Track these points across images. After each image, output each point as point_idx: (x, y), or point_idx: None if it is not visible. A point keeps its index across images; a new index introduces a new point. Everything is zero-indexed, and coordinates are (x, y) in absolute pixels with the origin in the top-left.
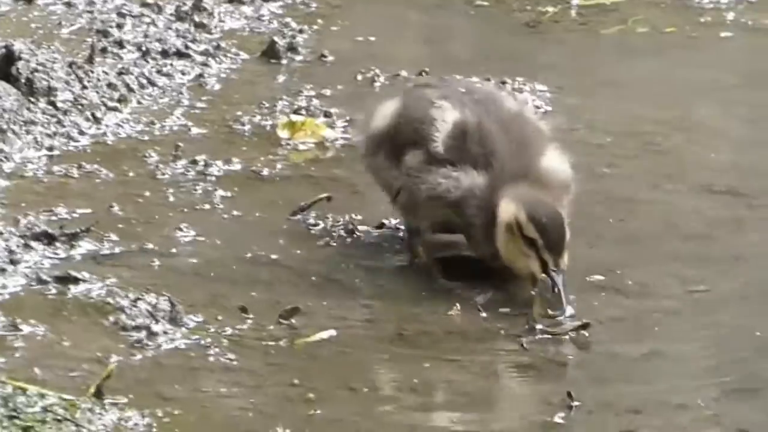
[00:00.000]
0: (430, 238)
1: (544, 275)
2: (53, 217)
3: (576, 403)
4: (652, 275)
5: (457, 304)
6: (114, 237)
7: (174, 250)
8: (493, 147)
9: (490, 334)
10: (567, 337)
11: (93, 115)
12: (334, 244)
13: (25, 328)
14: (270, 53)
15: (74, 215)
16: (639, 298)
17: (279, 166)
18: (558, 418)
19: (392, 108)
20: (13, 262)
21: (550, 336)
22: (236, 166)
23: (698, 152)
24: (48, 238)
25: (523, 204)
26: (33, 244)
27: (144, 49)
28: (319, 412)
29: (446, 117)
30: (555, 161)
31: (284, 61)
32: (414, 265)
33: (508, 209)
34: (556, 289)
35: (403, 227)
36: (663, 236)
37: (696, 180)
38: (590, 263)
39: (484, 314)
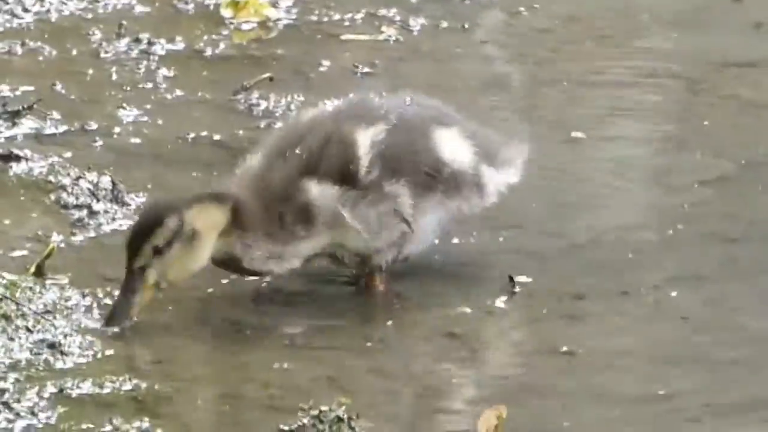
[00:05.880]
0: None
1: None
2: None
3: (518, 289)
4: (592, 163)
5: None
6: (57, 115)
7: (116, 130)
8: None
9: None
10: None
11: None
12: (277, 124)
13: None
14: None
15: (17, 93)
16: (579, 182)
17: (222, 45)
18: (500, 303)
19: None
20: None
21: None
22: (179, 45)
23: (642, 38)
24: None
25: None
26: None
27: None
28: None
29: None
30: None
31: None
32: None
33: None
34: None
35: None
36: (605, 119)
37: (640, 66)
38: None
39: None
